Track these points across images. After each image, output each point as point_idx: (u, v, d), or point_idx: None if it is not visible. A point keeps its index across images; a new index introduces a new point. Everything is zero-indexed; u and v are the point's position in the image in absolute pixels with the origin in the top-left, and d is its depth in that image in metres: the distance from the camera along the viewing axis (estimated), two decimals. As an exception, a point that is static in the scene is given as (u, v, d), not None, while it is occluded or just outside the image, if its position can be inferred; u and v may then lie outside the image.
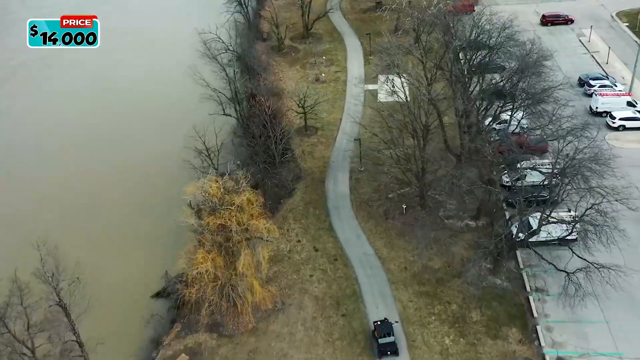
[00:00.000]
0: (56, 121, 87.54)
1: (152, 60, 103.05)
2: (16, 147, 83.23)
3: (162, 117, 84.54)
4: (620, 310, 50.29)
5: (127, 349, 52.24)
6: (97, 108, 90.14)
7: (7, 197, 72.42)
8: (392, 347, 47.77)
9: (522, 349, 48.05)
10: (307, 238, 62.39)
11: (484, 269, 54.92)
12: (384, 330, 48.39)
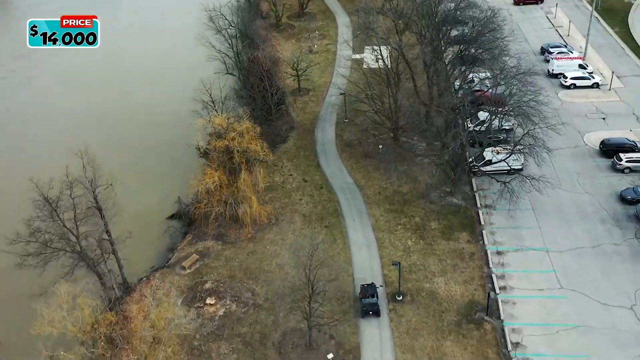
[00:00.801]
0: (83, 81, 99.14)
1: (162, 30, 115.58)
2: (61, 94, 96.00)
3: (173, 76, 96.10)
4: (551, 219, 61.44)
5: (148, 252, 63.31)
6: (119, 70, 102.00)
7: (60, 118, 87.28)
8: (374, 308, 51.27)
9: (469, 246, 59.23)
10: (298, 172, 73.55)
11: (444, 192, 66.47)
12: (368, 291, 51.99)
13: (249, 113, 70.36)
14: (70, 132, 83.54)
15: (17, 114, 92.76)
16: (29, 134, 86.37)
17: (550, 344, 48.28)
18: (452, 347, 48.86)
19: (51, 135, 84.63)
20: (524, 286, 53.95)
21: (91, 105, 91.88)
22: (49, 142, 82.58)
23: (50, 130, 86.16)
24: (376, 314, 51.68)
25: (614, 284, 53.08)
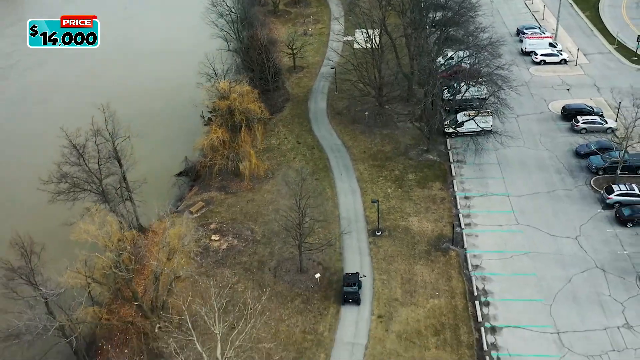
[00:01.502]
0: (96, 61, 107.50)
1: (167, 14, 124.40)
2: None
3: (179, 55, 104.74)
4: (513, 171, 69.89)
5: (159, 201, 71.31)
6: (128, 50, 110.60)
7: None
8: (354, 296, 52.97)
9: (440, 193, 67.72)
10: (292, 136, 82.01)
11: (421, 150, 75.07)
12: (350, 280, 53.90)
13: (249, 82, 78.72)
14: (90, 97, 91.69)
15: (44, 83, 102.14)
16: (56, 97, 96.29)
17: (505, 266, 56.78)
18: (422, 269, 57.34)
19: (75, 95, 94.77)
20: (485, 223, 62.47)
21: (103, 80, 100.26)
22: (74, 100, 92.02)
23: (74, 93, 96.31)
24: (356, 302, 53.20)
25: (562, 221, 61.59)
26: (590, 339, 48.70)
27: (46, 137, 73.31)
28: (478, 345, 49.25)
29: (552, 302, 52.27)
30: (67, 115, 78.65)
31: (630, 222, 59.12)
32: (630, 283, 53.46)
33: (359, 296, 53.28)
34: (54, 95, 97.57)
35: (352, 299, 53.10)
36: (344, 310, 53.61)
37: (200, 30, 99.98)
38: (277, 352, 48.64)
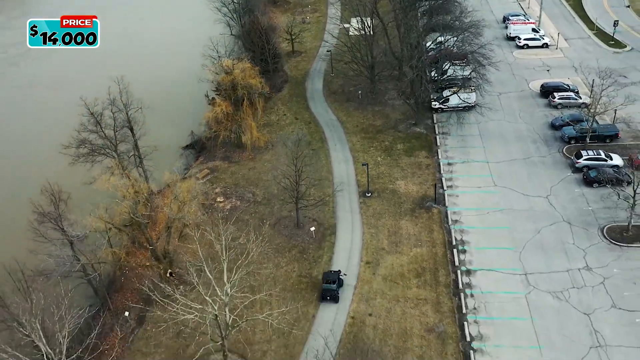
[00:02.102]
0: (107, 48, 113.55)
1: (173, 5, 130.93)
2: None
3: (184, 40, 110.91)
4: (493, 141, 75.97)
5: (167, 169, 77.62)
6: (135, 37, 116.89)
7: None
8: (332, 294, 53.66)
9: (426, 160, 73.90)
10: (291, 113, 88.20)
11: (410, 124, 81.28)
12: (330, 277, 54.64)
13: (250, 60, 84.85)
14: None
15: (56, 67, 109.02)
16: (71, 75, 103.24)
17: (481, 221, 62.93)
18: (406, 224, 63.52)
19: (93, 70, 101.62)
20: (466, 185, 68.65)
21: (114, 63, 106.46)
22: (92, 73, 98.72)
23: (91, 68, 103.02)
24: (334, 300, 53.76)
25: (535, 183, 67.75)
26: (553, 278, 54.83)
27: (66, 107, 79.30)
28: (454, 284, 55.40)
29: (521, 250, 58.42)
30: (84, 89, 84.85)
31: (595, 182, 65.21)
32: (592, 233, 59.61)
33: (337, 294, 53.77)
34: (68, 74, 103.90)
35: (330, 297, 53.73)
36: (335, 257, 59.78)
37: (205, 18, 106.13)
38: (275, 292, 54.67)
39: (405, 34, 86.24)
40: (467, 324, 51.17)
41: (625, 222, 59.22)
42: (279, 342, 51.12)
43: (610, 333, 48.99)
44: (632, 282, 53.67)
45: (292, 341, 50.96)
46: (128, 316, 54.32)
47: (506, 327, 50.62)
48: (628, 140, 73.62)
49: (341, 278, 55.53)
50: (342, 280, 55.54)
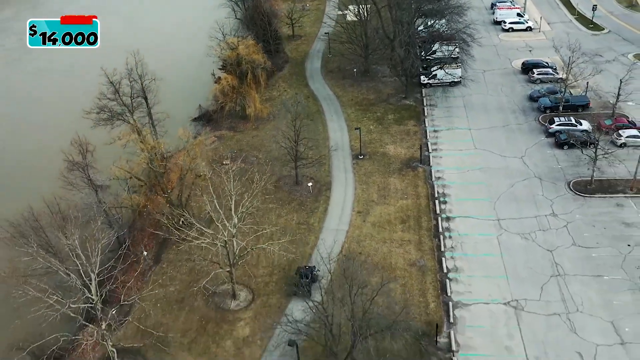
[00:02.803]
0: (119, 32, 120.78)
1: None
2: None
3: (190, 25, 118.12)
4: (476, 112, 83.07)
5: (176, 137, 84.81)
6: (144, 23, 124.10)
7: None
8: (303, 289, 54.06)
9: (414, 128, 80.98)
10: (291, 89, 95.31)
11: (400, 97, 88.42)
12: (303, 272, 55.35)
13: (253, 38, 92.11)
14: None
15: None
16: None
17: (462, 177, 69.97)
18: (394, 181, 70.59)
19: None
20: (449, 148, 75.72)
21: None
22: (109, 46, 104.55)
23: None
24: (305, 295, 53.60)
25: (512, 146, 74.79)
26: (523, 223, 61.87)
27: (87, 78, 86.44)
28: (435, 229, 62.44)
29: (496, 201, 65.46)
30: (103, 59, 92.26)
31: (565, 145, 72.26)
32: (560, 187, 66.65)
33: (309, 288, 54.31)
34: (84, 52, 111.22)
35: (301, 291, 54.30)
36: (330, 208, 66.86)
37: (212, 5, 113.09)
38: (277, 235, 61.75)
39: (396, 14, 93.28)
40: (444, 260, 58.22)
41: (589, 177, 66.21)
42: (280, 274, 58.19)
43: (568, 265, 56.01)
44: (591, 225, 60.69)
45: (291, 274, 57.86)
46: (146, 256, 61.36)
47: (479, 262, 57.64)
48: (598, 109, 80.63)
49: (315, 274, 55.94)
50: (316, 276, 55.91)
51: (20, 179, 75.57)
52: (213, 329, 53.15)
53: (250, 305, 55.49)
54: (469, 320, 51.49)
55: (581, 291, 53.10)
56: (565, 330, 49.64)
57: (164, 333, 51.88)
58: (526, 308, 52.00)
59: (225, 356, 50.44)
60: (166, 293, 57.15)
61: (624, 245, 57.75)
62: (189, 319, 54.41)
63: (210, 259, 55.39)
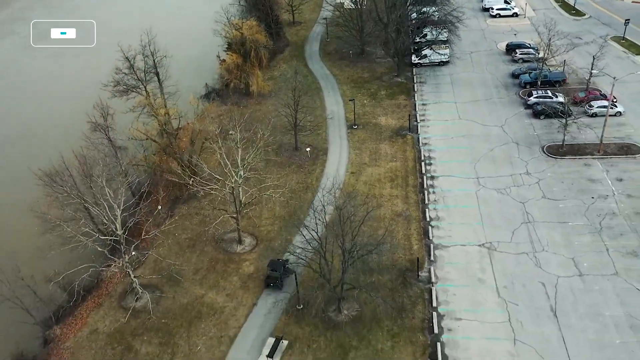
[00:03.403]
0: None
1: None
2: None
3: (196, 9, 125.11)
4: (462, 87, 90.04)
5: (185, 111, 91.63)
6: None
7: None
8: (275, 281, 55.75)
9: (404, 102, 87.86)
10: (291, 69, 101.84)
11: (392, 76, 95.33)
12: (273, 266, 56.49)
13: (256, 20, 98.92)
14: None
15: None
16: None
17: (446, 142, 76.80)
18: (385, 146, 77.45)
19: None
20: (435, 119, 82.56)
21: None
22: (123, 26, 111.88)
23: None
24: (277, 287, 55.66)
25: (494, 116, 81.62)
26: (499, 180, 68.68)
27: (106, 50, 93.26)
28: (420, 186, 69.28)
29: (477, 162, 72.28)
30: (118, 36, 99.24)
31: (541, 114, 79.05)
32: (534, 150, 73.49)
33: (281, 281, 55.84)
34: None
35: (273, 284, 55.84)
36: (326, 170, 73.71)
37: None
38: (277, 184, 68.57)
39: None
40: (428, 210, 65.10)
41: (561, 142, 73.02)
42: (280, 224, 65.05)
43: (538, 213, 62.83)
44: (560, 181, 67.52)
45: (291, 225, 64.61)
46: (160, 210, 68.14)
47: (458, 212, 64.48)
48: (574, 84, 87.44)
49: (288, 267, 56.97)
50: (289, 269, 56.75)
51: (49, 138, 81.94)
52: (221, 268, 60.03)
53: (254, 248, 62.39)
54: (447, 259, 58.33)
55: (547, 235, 59.89)
56: (531, 265, 56.44)
57: (178, 270, 58.66)
58: (498, 249, 58.79)
59: (233, 288, 57.28)
60: (179, 240, 64.10)
61: (588, 197, 64.55)
62: (200, 260, 61.29)
63: (219, 207, 62.29)
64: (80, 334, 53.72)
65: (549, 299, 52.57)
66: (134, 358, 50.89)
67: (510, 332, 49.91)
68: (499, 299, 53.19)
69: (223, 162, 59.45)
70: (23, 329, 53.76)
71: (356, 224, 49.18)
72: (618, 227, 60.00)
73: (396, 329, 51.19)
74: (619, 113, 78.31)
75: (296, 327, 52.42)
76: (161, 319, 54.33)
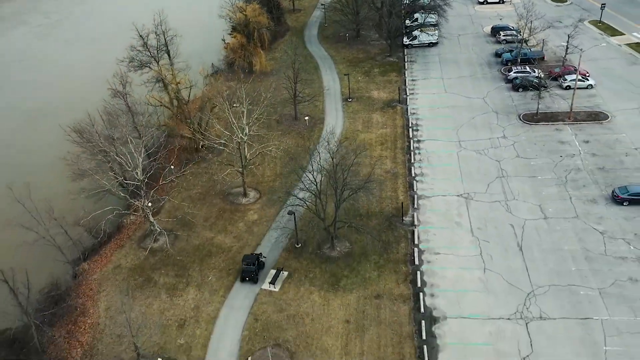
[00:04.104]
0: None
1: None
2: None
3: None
4: (449, 65, 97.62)
5: (196, 78, 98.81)
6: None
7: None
8: (250, 275, 56.77)
9: (395, 78, 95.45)
10: (290, 50, 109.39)
11: (385, 56, 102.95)
12: (248, 260, 57.72)
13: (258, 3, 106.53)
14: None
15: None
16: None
17: (432, 113, 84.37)
18: (377, 116, 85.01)
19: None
20: (423, 92, 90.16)
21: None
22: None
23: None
24: (253, 281, 56.84)
25: (477, 90, 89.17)
26: (478, 143, 76.18)
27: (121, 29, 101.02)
28: (407, 148, 76.80)
29: (459, 128, 79.80)
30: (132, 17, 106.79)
31: (520, 88, 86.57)
32: (511, 117, 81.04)
33: (256, 275, 57.10)
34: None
35: (249, 278, 57.01)
36: (323, 135, 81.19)
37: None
38: (279, 151, 76.17)
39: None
40: (413, 168, 72.64)
41: (536, 111, 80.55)
42: (281, 180, 72.58)
43: (511, 169, 70.32)
44: (533, 143, 75.04)
45: (290, 183, 72.01)
46: (173, 169, 75.71)
47: (441, 169, 71.98)
48: (552, 62, 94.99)
49: (261, 260, 58.90)
50: (262, 262, 58.90)
51: (74, 104, 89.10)
52: (229, 216, 67.61)
53: (258, 200, 69.98)
54: (429, 207, 65.84)
55: (518, 186, 67.41)
56: (502, 210, 63.97)
57: (191, 215, 66.24)
58: (475, 198, 66.29)
59: (239, 232, 64.84)
60: (190, 194, 71.68)
61: (557, 156, 72.07)
62: (210, 210, 68.85)
63: (226, 162, 69.95)
64: (105, 269, 61.28)
65: (517, 237, 60.05)
66: (154, 287, 58.39)
67: (481, 263, 57.38)
68: (472, 237, 60.69)
69: (230, 119, 66.85)
70: (56, 264, 61.27)
71: (347, 166, 56.72)
72: (581, 180, 67.52)
73: (382, 262, 58.69)
74: (590, 86, 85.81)
75: (295, 261, 59.93)
76: (176, 256, 61.90)
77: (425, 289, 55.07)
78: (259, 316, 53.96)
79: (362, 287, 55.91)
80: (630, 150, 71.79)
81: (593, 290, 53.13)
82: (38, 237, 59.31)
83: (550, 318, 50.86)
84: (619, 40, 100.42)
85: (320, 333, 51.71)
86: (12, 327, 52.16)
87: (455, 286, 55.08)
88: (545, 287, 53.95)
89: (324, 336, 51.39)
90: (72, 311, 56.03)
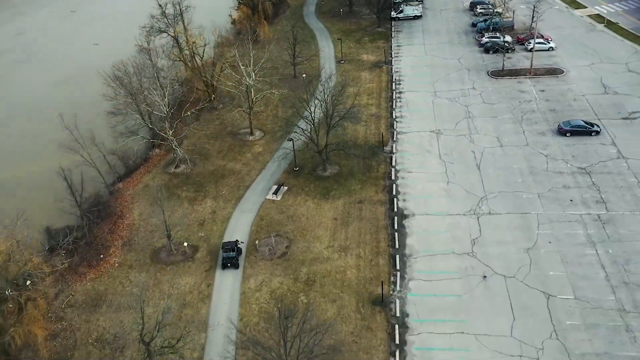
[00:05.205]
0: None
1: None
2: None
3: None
4: (431, 35, 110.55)
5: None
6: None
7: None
8: (231, 261, 58.70)
9: (383, 44, 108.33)
10: (290, 25, 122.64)
11: (375, 27, 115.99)
12: (228, 246, 59.76)
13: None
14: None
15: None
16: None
17: (413, 71, 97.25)
18: (365, 74, 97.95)
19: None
20: (407, 55, 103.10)
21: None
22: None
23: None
24: (234, 267, 58.81)
25: (453, 53, 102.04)
26: (451, 93, 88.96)
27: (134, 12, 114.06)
28: (390, 97, 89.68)
29: (435, 82, 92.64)
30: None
31: (490, 50, 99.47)
32: (481, 73, 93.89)
33: (237, 261, 59.18)
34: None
35: (230, 264, 58.90)
36: (318, 89, 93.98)
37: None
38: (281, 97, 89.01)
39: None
40: (394, 112, 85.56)
41: (502, 68, 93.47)
42: (282, 123, 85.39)
43: (477, 112, 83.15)
44: (497, 92, 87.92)
45: (290, 131, 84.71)
46: (189, 115, 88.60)
47: (417, 112, 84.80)
48: (521, 30, 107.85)
49: (239, 247, 60.84)
50: (240, 249, 60.86)
51: (105, 60, 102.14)
52: (238, 149, 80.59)
53: (262, 138, 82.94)
54: (406, 140, 78.71)
55: (482, 124, 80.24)
56: (466, 141, 76.80)
57: (206, 146, 79.32)
58: (444, 133, 79.12)
59: (247, 160, 77.81)
60: (205, 134, 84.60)
61: (516, 102, 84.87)
62: (221, 145, 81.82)
63: (235, 105, 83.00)
64: (136, 188, 74.28)
65: (476, 160, 72.92)
66: (177, 198, 71.37)
67: (445, 177, 70.28)
68: (440, 160, 73.57)
69: (238, 64, 79.78)
70: (96, 184, 74.19)
71: (336, 95, 69.77)
72: (534, 119, 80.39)
73: (365, 179, 71.64)
74: (552, 48, 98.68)
75: (293, 180, 72.88)
76: (195, 177, 74.89)
77: (399, 196, 67.99)
78: (264, 216, 66.97)
79: (348, 196, 68.87)
80: (578, 97, 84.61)
81: (533, 195, 65.97)
82: (83, 161, 72.23)
83: (497, 213, 63.74)
84: (581, 12, 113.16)
85: (313, 227, 64.68)
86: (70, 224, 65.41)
87: (424, 194, 68.01)
88: (495, 193, 66.82)
89: (316, 229, 64.35)
90: (112, 215, 69.06)
